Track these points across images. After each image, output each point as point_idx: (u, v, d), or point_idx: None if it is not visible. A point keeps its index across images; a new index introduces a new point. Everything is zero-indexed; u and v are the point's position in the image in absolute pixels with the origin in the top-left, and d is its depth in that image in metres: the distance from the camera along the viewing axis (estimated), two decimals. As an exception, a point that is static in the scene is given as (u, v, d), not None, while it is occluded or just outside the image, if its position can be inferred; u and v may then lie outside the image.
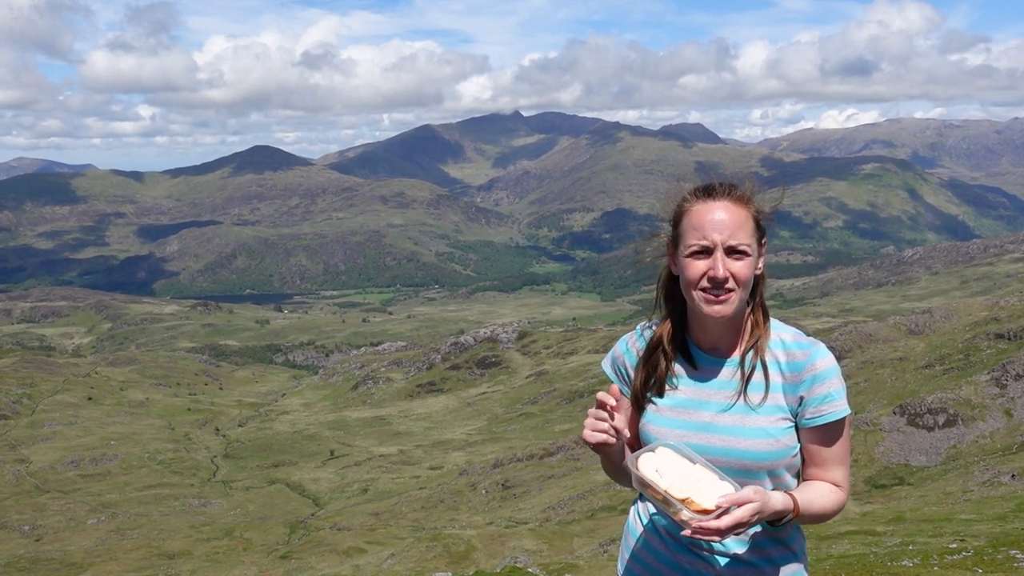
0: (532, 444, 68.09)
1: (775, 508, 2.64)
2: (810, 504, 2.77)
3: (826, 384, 2.78)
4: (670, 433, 2.87)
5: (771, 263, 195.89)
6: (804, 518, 2.78)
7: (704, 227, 2.74)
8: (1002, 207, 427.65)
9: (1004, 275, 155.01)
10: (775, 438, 2.79)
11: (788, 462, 2.84)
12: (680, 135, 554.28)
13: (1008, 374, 42.40)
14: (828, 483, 2.86)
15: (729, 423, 2.82)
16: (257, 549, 50.44)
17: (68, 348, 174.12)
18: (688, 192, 2.86)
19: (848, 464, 2.92)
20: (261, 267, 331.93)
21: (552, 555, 31.18)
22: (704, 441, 2.83)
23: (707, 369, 2.91)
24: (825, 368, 2.79)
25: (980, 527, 17.74)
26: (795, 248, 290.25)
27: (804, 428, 2.84)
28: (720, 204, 2.77)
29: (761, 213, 2.84)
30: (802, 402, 2.81)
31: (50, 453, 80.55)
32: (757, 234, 2.81)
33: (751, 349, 2.86)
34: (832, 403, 2.79)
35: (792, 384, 2.81)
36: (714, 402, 2.87)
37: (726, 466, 2.79)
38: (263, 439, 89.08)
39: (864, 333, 67.87)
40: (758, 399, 2.82)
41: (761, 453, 2.78)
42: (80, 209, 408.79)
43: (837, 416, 2.80)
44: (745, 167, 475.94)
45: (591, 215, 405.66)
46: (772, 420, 2.81)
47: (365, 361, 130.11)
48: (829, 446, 2.84)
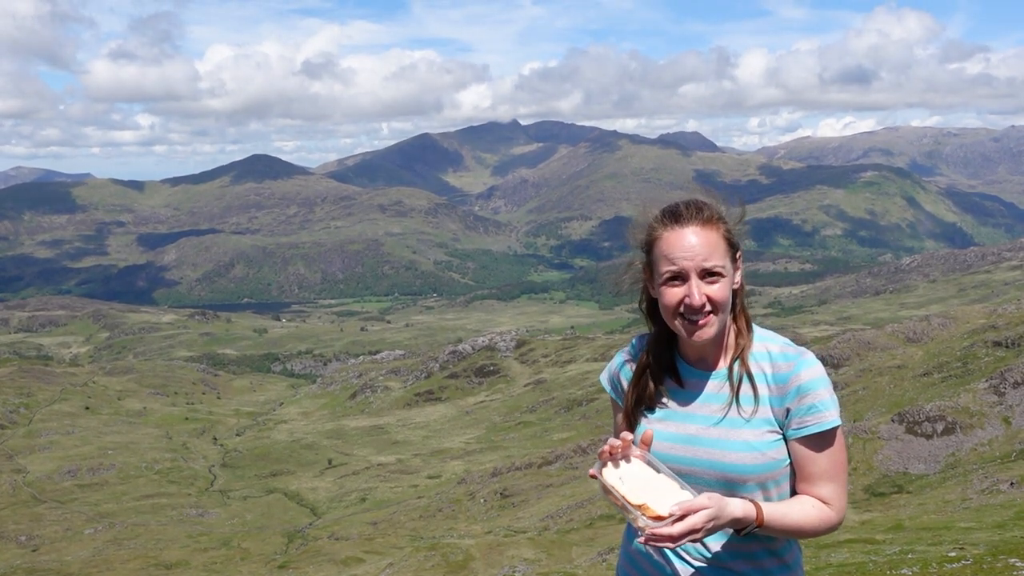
0: (530, 453, 68.01)
1: (733, 515, 2.57)
2: (782, 516, 2.69)
3: (812, 395, 2.73)
4: (658, 446, 2.83)
5: (769, 271, 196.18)
6: (774, 530, 2.70)
7: (674, 255, 2.71)
8: (1000, 215, 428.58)
9: (1002, 283, 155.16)
10: (761, 451, 2.75)
11: (777, 476, 2.78)
12: (678, 143, 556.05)
13: (1006, 382, 42.40)
14: (813, 498, 2.77)
15: (715, 436, 2.79)
16: (255, 559, 50.33)
17: (66, 357, 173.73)
18: (655, 219, 2.81)
19: (840, 480, 2.79)
20: (259, 276, 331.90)
21: (551, 564, 31.10)
22: (690, 454, 2.82)
23: (693, 383, 2.91)
24: (810, 379, 2.74)
25: (979, 535, 17.71)
26: (793, 256, 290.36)
27: (791, 440, 2.78)
28: (689, 229, 2.72)
29: (732, 231, 2.80)
30: (788, 414, 2.76)
31: (47, 463, 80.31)
32: (731, 252, 2.78)
33: (737, 359, 2.83)
34: (817, 414, 2.73)
35: (779, 396, 2.78)
36: (700, 415, 2.85)
37: (713, 479, 2.77)
38: (261, 448, 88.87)
39: (862, 341, 67.85)
40: (747, 412, 2.78)
41: (746, 467, 2.74)
42: (79, 218, 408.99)
43: (822, 427, 2.74)
44: (744, 175, 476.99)
45: (589, 223, 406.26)
46: (759, 433, 2.77)
47: (363, 370, 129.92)
48: (815, 459, 2.76)
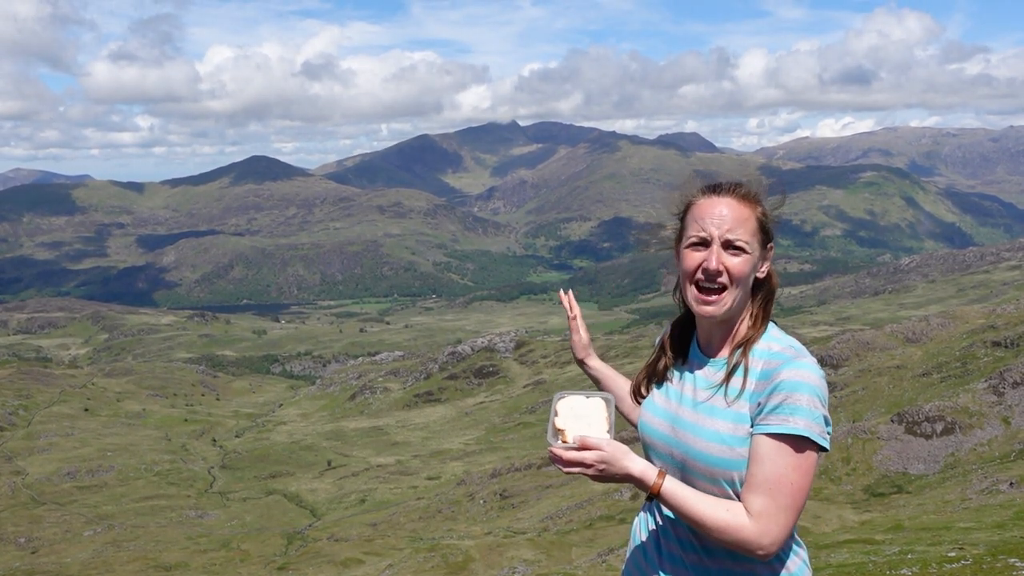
0: (530, 454, 67.93)
1: (628, 470, 2.54)
2: (684, 499, 2.54)
3: (786, 395, 2.53)
4: (649, 418, 2.90)
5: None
6: (672, 508, 2.58)
7: (704, 219, 2.74)
8: (999, 215, 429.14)
9: (1001, 283, 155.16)
10: (729, 446, 2.63)
11: (745, 476, 2.62)
12: (677, 144, 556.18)
13: (1005, 382, 42.40)
14: (738, 504, 2.55)
15: (691, 420, 2.75)
16: (254, 560, 50.29)
17: (65, 359, 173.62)
18: (696, 188, 2.88)
19: (778, 500, 2.48)
20: (258, 277, 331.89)
21: (550, 565, 31.10)
22: (669, 432, 2.81)
23: (694, 364, 2.91)
24: (791, 379, 2.56)
25: (979, 535, 17.69)
26: (793, 256, 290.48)
27: (752, 436, 2.60)
28: (724, 200, 2.77)
29: (767, 215, 2.82)
30: (758, 408, 2.60)
31: (46, 465, 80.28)
32: (760, 236, 2.78)
33: (737, 350, 2.78)
34: (783, 416, 2.52)
35: (757, 392, 2.64)
36: (689, 397, 2.83)
37: (677, 460, 2.75)
38: (260, 450, 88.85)
39: (861, 341, 67.86)
40: (728, 403, 2.70)
41: (712, 457, 2.65)
42: (78, 220, 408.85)
43: (780, 430, 2.51)
44: (743, 176, 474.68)
45: (588, 224, 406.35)
46: (732, 427, 2.65)
47: (362, 371, 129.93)
48: (761, 462, 2.52)
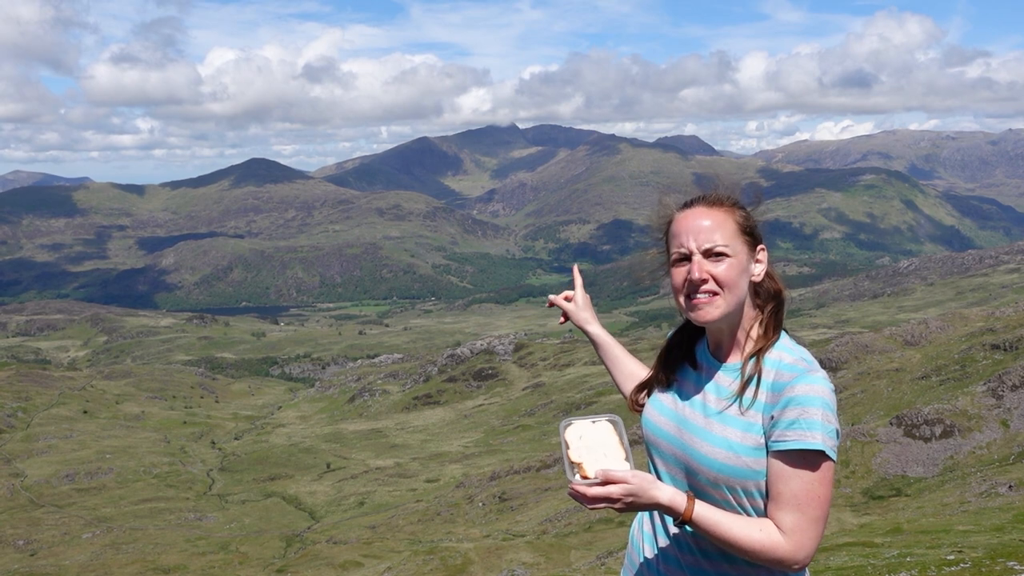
0: (529, 456, 67.86)
1: (656, 500, 2.51)
2: (716, 524, 2.53)
3: (800, 410, 2.53)
4: (656, 418, 2.90)
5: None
6: (704, 532, 2.56)
7: (681, 235, 2.74)
8: (997, 218, 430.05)
9: (999, 286, 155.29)
10: (736, 453, 2.62)
11: (749, 486, 2.63)
12: (677, 147, 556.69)
13: (1004, 385, 42.41)
14: (771, 522, 2.56)
15: (700, 424, 2.75)
16: (253, 563, 50.20)
17: (64, 361, 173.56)
18: (671, 208, 2.87)
19: (808, 512, 2.51)
20: (258, 280, 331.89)
21: (549, 568, 31.06)
22: (676, 435, 2.81)
23: (704, 368, 2.89)
24: (804, 393, 2.55)
25: (978, 538, 17.69)
26: (791, 259, 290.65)
27: (769, 453, 2.60)
28: (695, 211, 2.76)
29: (747, 216, 2.79)
30: (772, 423, 2.59)
31: (45, 467, 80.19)
32: (744, 237, 2.75)
33: (751, 359, 2.75)
34: (798, 431, 2.52)
35: (770, 404, 2.63)
36: (698, 401, 2.82)
37: (683, 464, 2.75)
38: (259, 452, 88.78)
39: (860, 344, 67.88)
40: (739, 412, 2.69)
41: (717, 463, 2.64)
42: (78, 222, 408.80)
43: (799, 446, 2.51)
44: (743, 178, 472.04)
45: (588, 227, 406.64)
46: (741, 435, 2.63)
47: (361, 373, 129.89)
48: (785, 479, 2.53)
